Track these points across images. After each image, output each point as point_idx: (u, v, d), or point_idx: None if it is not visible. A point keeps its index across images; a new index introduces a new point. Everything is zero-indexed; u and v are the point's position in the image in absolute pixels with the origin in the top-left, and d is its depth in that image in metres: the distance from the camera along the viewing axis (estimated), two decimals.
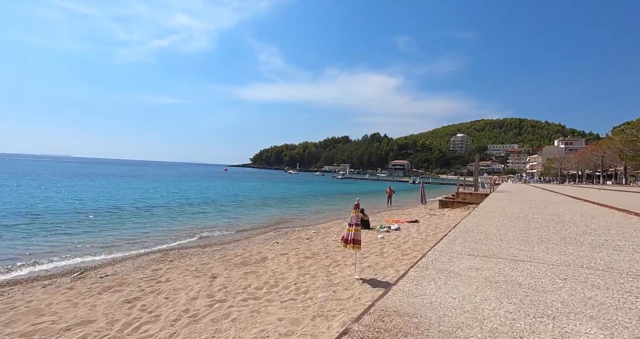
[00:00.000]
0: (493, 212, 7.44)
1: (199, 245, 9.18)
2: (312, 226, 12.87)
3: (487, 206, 9.09)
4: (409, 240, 9.04)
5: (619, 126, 30.50)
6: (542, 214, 6.98)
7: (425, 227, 11.52)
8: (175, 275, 5.49)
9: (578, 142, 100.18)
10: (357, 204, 5.56)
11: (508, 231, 4.71)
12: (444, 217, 14.70)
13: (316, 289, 4.77)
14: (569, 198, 12.74)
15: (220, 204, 18.91)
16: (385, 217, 15.67)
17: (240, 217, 14.59)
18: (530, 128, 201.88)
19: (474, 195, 18.19)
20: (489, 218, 6.21)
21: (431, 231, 10.45)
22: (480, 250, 3.46)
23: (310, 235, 10.36)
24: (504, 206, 9.03)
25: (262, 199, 23.41)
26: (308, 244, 8.64)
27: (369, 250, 7.55)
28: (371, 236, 9.61)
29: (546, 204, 10.01)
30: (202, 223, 12.60)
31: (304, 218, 15.31)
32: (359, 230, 5.52)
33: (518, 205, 9.73)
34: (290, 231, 11.78)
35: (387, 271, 5.83)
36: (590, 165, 46.82)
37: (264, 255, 7.21)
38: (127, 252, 7.97)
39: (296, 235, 10.76)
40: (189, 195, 23.13)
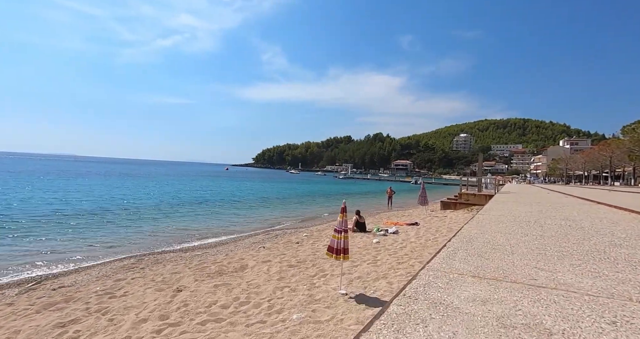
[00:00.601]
0: (499, 216, 6.70)
1: (181, 249, 8.53)
2: (305, 229, 12.17)
3: (492, 209, 8.35)
4: (406, 245, 8.32)
5: (629, 125, 29.53)
6: (555, 218, 6.23)
7: (425, 230, 10.78)
8: (137, 288, 4.82)
9: (584, 142, 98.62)
10: (344, 207, 4.85)
11: (519, 240, 3.98)
12: (445, 219, 13.93)
13: (293, 307, 4.07)
14: (581, 200, 11.93)
15: (214, 205, 18.28)
16: (384, 219, 14.94)
17: (232, 219, 13.93)
18: (534, 129, 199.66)
19: (477, 196, 17.39)
20: (495, 223, 5.48)
21: (431, 235, 9.71)
22: (487, 267, 2.74)
23: (301, 239, 9.66)
24: (511, 209, 8.28)
25: (259, 199, 22.75)
26: (296, 249, 7.94)
27: (361, 257, 6.83)
28: (366, 241, 8.90)
29: (557, 206, 9.22)
30: (190, 225, 11.96)
31: (298, 220, 14.62)
32: (347, 237, 4.81)
33: (526, 207, 8.97)
34: (282, 234, 11.10)
35: (379, 283, 5.11)
36: (597, 165, 45.66)
37: (245, 263, 6.52)
38: (98, 258, 7.32)
39: (287, 238, 10.08)
40: (183, 195, 22.53)
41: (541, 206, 9.31)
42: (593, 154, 42.78)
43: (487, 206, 9.10)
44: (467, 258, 3.08)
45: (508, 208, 8.43)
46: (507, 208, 8.43)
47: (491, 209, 8.33)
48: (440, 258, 3.10)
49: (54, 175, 39.36)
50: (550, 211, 7.78)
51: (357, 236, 9.94)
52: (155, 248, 8.57)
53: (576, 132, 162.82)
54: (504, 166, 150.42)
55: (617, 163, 39.18)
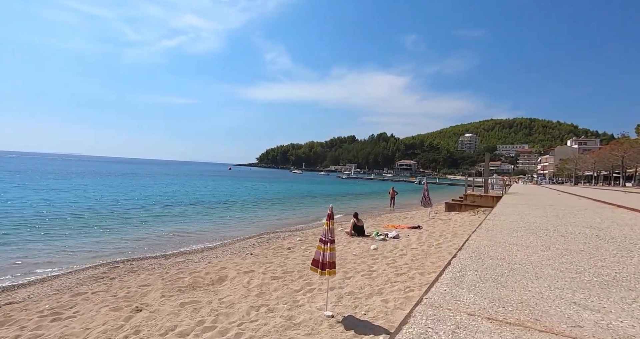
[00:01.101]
0: (511, 222, 5.95)
1: (164, 256, 7.90)
2: (301, 232, 11.50)
3: (502, 213, 7.58)
4: (407, 252, 7.59)
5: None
6: (577, 226, 5.46)
7: (428, 235, 10.03)
8: (91, 306, 4.17)
9: (593, 142, 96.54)
10: (331, 213, 4.15)
11: (542, 257, 3.25)
12: (450, 222, 13.14)
13: (266, 334, 3.39)
14: (598, 202, 11.06)
15: (209, 206, 17.68)
16: (385, 222, 14.20)
17: (226, 221, 13.30)
18: (541, 128, 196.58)
19: (484, 197, 16.55)
20: (507, 232, 4.75)
21: (434, 241, 8.96)
22: (507, 301, 2.03)
23: (294, 244, 8.98)
24: (523, 213, 7.51)
25: (257, 200, 22.13)
26: (285, 257, 7.26)
27: (355, 267, 6.12)
28: (363, 247, 8.18)
29: (573, 210, 8.42)
30: (180, 229, 11.35)
31: (295, 222, 13.95)
32: (334, 249, 4.12)
33: (539, 211, 8.18)
34: (275, 238, 10.43)
35: (373, 301, 4.41)
36: (608, 165, 44.27)
37: (225, 273, 5.86)
38: (69, 266, 6.71)
39: (279, 243, 9.40)
40: (179, 195, 21.98)
41: (556, 210, 8.52)
42: (604, 154, 41.44)
43: (496, 210, 8.33)
44: (479, 285, 2.36)
45: (519, 212, 7.66)
46: (518, 212, 7.67)
47: (501, 213, 7.57)
48: (444, 284, 2.39)
49: (52, 174, 39.22)
50: (568, 216, 7.00)
51: (354, 241, 9.23)
52: (136, 254, 7.95)
53: (584, 132, 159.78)
54: (509, 166, 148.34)
55: (629, 164, 37.85)
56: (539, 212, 7.86)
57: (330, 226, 4.08)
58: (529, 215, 7.12)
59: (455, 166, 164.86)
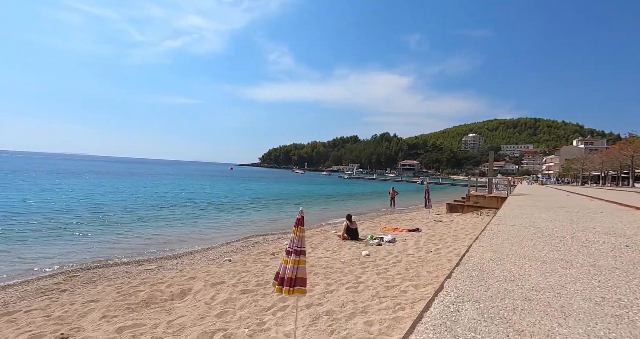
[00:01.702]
0: (519, 227, 5.19)
1: (135, 261, 7.21)
2: (290, 236, 10.77)
3: (507, 216, 6.80)
4: (402, 259, 6.82)
5: None
6: (598, 232, 4.68)
7: (426, 239, 9.25)
8: (9, 332, 3.47)
9: (599, 142, 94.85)
10: (301, 218, 3.41)
11: (564, 277, 2.49)
12: (451, 225, 12.33)
13: None
14: (612, 204, 10.21)
15: (199, 206, 17.01)
16: (382, 223, 13.42)
17: (214, 223, 12.59)
18: (546, 128, 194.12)
19: (487, 198, 15.71)
20: (516, 240, 3.99)
21: (433, 246, 8.18)
22: None
23: (279, 249, 8.25)
24: (531, 216, 6.71)
25: (252, 200, 21.44)
26: (266, 264, 6.53)
27: (341, 278, 5.38)
28: (354, 253, 7.42)
29: (587, 213, 7.61)
30: (163, 231, 10.67)
31: (287, 225, 13.22)
32: (303, 262, 3.37)
33: (549, 213, 7.39)
34: (263, 241, 9.71)
35: (354, 324, 3.66)
36: (616, 165, 43.03)
37: (190, 285, 5.14)
38: (19, 276, 6.04)
39: (264, 247, 8.69)
40: (171, 195, 21.34)
41: (568, 212, 7.72)
42: (612, 153, 40.23)
43: (501, 213, 7.54)
44: (481, 329, 1.61)
45: (527, 215, 6.88)
46: (526, 215, 6.88)
47: (506, 216, 6.78)
48: (429, 326, 1.65)
49: (47, 173, 38.86)
50: (584, 219, 6.21)
51: (345, 245, 8.48)
52: (106, 259, 7.26)
53: (590, 132, 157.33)
54: (514, 166, 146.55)
55: (638, 164, 36.66)
56: (549, 215, 7.06)
57: (298, 234, 3.33)
58: (539, 219, 6.33)
59: (458, 166, 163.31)
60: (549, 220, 6.23)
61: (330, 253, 7.56)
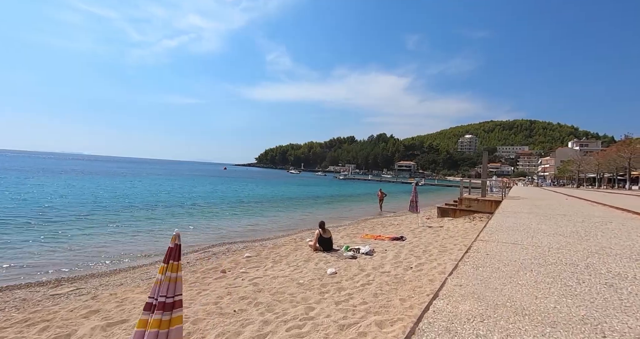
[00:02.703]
0: (514, 247, 4.04)
1: (40, 283, 5.90)
2: (259, 244, 9.57)
3: (500, 228, 5.65)
4: (374, 279, 5.64)
5: None
6: (622, 258, 3.53)
7: (409, 250, 8.09)
8: None
9: (594, 144, 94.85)
10: (175, 248, 2.22)
11: None
12: (440, 232, 11.20)
13: None
14: (617, 211, 9.11)
15: (168, 210, 15.65)
16: (366, 230, 12.26)
17: (181, 230, 11.29)
18: (541, 130, 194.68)
19: (480, 201, 14.62)
20: (511, 272, 2.83)
21: (415, 259, 7.03)
22: None
23: (235, 264, 7.05)
24: (529, 229, 5.57)
25: (232, 203, 20.16)
26: (202, 289, 5.31)
27: (286, 312, 4.18)
28: (319, 270, 6.20)
29: (595, 223, 6.49)
30: (111, 240, 9.40)
31: (261, 232, 12.02)
32: (179, 320, 2.19)
33: (550, 224, 6.27)
34: (223, 252, 8.49)
35: None
36: (612, 167, 42.33)
37: (75, 328, 3.91)
38: None
39: (220, 260, 7.48)
40: (142, 197, 19.94)
41: (572, 222, 6.60)
42: (610, 155, 39.49)
43: (492, 223, 6.38)
44: None
45: (524, 227, 5.74)
46: (523, 227, 5.74)
47: (499, 228, 5.63)
48: None
49: (28, 172, 37.20)
50: (594, 234, 5.05)
51: (314, 259, 7.29)
52: (11, 281, 5.96)
53: (585, 134, 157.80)
54: (510, 168, 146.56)
55: (636, 165, 35.92)
56: (551, 226, 5.92)
57: (170, 275, 2.14)
58: (539, 232, 5.18)
59: (454, 167, 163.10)
60: (552, 233, 5.09)
61: (292, 270, 6.36)
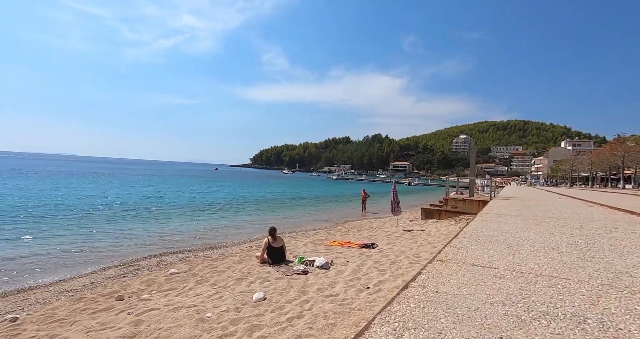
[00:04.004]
0: (484, 273, 2.70)
1: None
2: (205, 253, 8.16)
3: (477, 236, 4.31)
4: (312, 307, 4.25)
5: None
6: None
7: (376, 260, 6.74)
8: None
9: (587, 144, 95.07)
10: None
11: None
12: (419, 236, 9.87)
13: None
14: (617, 212, 7.85)
15: (133, 212, 14.18)
16: (337, 235, 10.90)
17: (119, 238, 9.77)
18: (534, 130, 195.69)
19: (467, 202, 13.35)
20: (467, 334, 1.50)
21: (378, 274, 5.67)
22: None
23: (146, 285, 5.62)
24: (514, 239, 4.23)
25: (204, 206, 18.63)
26: (106, 314, 3.88)
27: None
28: (241, 299, 4.73)
29: (595, 230, 5.20)
30: (38, 250, 7.92)
31: (221, 237, 10.61)
32: None
33: (541, 231, 4.96)
34: (145, 268, 7.00)
35: None
36: (606, 166, 41.63)
37: None
38: None
39: (138, 278, 6.06)
40: (103, 198, 18.36)
41: (568, 228, 5.30)
42: (603, 154, 38.71)
43: (468, 230, 5.03)
44: None
45: (507, 236, 4.41)
46: (504, 236, 4.41)
47: (473, 238, 4.27)
48: None
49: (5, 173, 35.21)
50: (599, 247, 3.70)
51: (251, 276, 5.90)
52: None
53: (577, 134, 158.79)
54: (503, 168, 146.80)
55: (630, 164, 35.16)
56: (541, 235, 4.60)
57: None
58: (525, 245, 3.85)
59: (449, 167, 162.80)
60: (542, 247, 3.74)
61: (211, 294, 4.92)
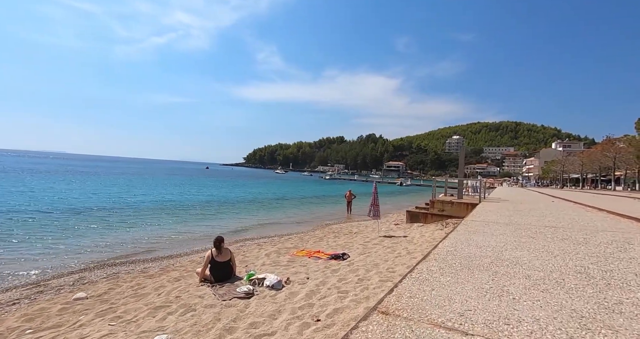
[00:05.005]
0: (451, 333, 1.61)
1: None
2: (144, 266, 6.94)
3: (452, 260, 3.20)
4: None
5: None
6: None
7: (341, 276, 5.62)
8: None
9: (577, 145, 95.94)
10: None
11: None
12: (400, 244, 8.78)
13: None
14: (622, 219, 6.87)
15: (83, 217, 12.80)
16: (309, 242, 9.77)
17: (68, 244, 8.49)
18: (526, 132, 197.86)
19: (455, 204, 12.36)
20: None
21: (336, 298, 4.53)
22: None
23: (41, 313, 4.41)
24: (502, 264, 3.13)
25: (178, 208, 17.31)
26: None
27: None
28: None
29: (604, 245, 4.16)
30: None
31: (175, 244, 9.37)
32: None
33: (535, 248, 3.89)
34: (71, 284, 5.80)
35: None
36: (596, 167, 41.38)
37: None
38: None
39: (30, 306, 4.83)
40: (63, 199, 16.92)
41: (570, 242, 4.22)
42: (594, 154, 38.39)
43: (445, 247, 3.93)
44: None
45: (492, 258, 3.27)
46: (489, 258, 3.27)
47: (448, 261, 3.13)
48: None
49: None
50: (621, 276, 2.56)
51: (177, 301, 4.71)
52: None
53: (567, 136, 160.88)
54: (496, 168, 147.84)
55: (620, 165, 34.83)
56: (538, 254, 3.53)
57: None
58: (516, 273, 2.76)
59: (442, 168, 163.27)
60: (541, 280, 2.64)
61: (99, 336, 3.72)
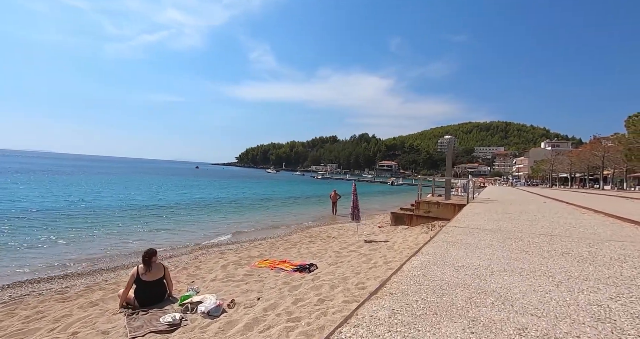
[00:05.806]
0: None
1: None
2: (83, 280, 5.90)
3: (418, 288, 2.29)
4: None
5: (635, 115, 24.18)
6: None
7: (301, 294, 4.67)
8: None
9: (565, 145, 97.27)
10: None
11: None
12: (377, 251, 7.88)
13: None
14: (626, 223, 6.10)
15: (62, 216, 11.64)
16: (280, 249, 8.82)
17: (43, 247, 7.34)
18: (516, 132, 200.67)
19: (442, 205, 11.56)
20: None
21: (279, 333, 3.57)
22: None
23: None
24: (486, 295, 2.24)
25: (146, 209, 16.13)
26: None
27: None
28: None
29: (616, 260, 3.32)
30: None
31: (124, 255, 8.30)
32: None
33: (531, 269, 3.01)
34: None
35: None
36: (584, 167, 41.50)
37: None
38: None
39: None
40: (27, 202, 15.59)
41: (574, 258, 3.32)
42: (583, 154, 38.38)
43: (416, 263, 3.01)
44: None
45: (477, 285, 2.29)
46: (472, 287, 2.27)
47: (413, 298, 2.16)
48: None
49: None
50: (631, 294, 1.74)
51: (83, 336, 3.69)
52: None
53: (555, 136, 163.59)
54: (486, 168, 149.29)
55: (609, 164, 34.85)
56: (534, 280, 2.63)
57: None
58: (507, 325, 1.90)
59: (434, 167, 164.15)
60: (538, 337, 1.72)
61: None
